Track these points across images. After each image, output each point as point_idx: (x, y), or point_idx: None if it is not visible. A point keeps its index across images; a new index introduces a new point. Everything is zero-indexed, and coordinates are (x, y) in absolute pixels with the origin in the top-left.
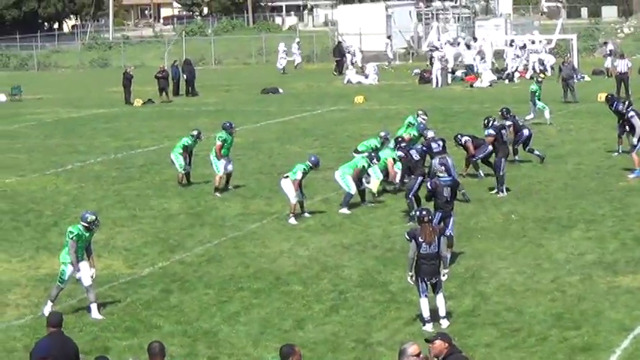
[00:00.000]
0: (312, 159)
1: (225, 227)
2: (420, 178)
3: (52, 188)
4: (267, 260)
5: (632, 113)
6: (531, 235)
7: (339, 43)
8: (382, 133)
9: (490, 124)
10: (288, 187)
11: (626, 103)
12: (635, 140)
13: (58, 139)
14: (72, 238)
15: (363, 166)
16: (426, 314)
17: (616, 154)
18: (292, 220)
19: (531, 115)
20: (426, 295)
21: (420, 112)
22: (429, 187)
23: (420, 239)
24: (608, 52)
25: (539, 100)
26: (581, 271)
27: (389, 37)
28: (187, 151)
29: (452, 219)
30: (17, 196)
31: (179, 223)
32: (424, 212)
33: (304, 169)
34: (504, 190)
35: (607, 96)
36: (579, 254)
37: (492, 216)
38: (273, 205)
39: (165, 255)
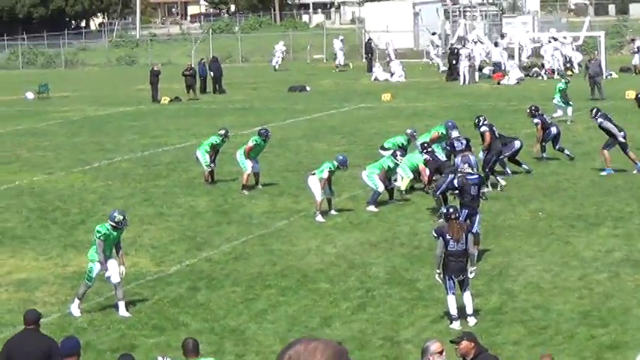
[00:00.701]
0: (340, 158)
1: (252, 225)
2: (450, 176)
3: (79, 186)
4: (295, 258)
5: (600, 120)
6: (559, 232)
7: (369, 40)
8: (409, 131)
9: (481, 123)
10: (314, 184)
11: (594, 110)
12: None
13: (85, 136)
14: (100, 238)
15: (389, 167)
16: (454, 312)
17: None
18: (319, 218)
19: (559, 113)
20: (453, 293)
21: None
22: (457, 185)
23: (448, 236)
24: (636, 49)
25: (560, 98)
26: (609, 268)
27: (434, 34)
28: (214, 150)
29: (478, 216)
30: (45, 193)
31: (206, 220)
32: (451, 210)
33: (330, 167)
34: (489, 186)
35: (637, 95)
36: (607, 252)
37: (520, 213)
38: (300, 202)
39: (192, 253)
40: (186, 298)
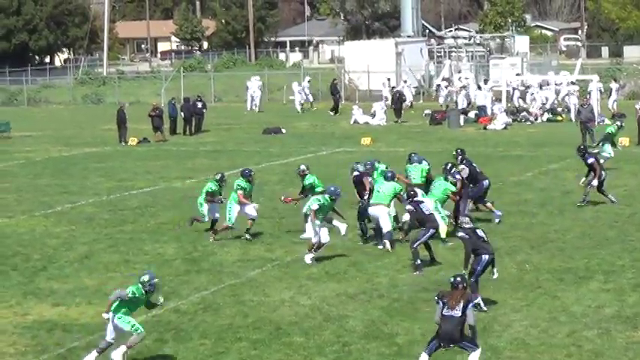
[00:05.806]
0: (331, 189)
1: (223, 274)
2: (431, 231)
3: (41, 230)
4: (267, 309)
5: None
6: (546, 286)
7: (334, 80)
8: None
9: (452, 170)
10: (309, 228)
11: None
12: None
13: (48, 178)
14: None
15: (394, 190)
16: None
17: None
18: (308, 259)
19: (610, 154)
20: (429, 354)
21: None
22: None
23: (445, 300)
24: (609, 92)
25: (611, 143)
26: (599, 325)
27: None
28: (213, 197)
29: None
30: (4, 238)
31: (174, 269)
32: (459, 279)
33: (319, 200)
34: None
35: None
36: (597, 307)
37: (506, 266)
38: (274, 251)
39: None
40: (152, 350)
